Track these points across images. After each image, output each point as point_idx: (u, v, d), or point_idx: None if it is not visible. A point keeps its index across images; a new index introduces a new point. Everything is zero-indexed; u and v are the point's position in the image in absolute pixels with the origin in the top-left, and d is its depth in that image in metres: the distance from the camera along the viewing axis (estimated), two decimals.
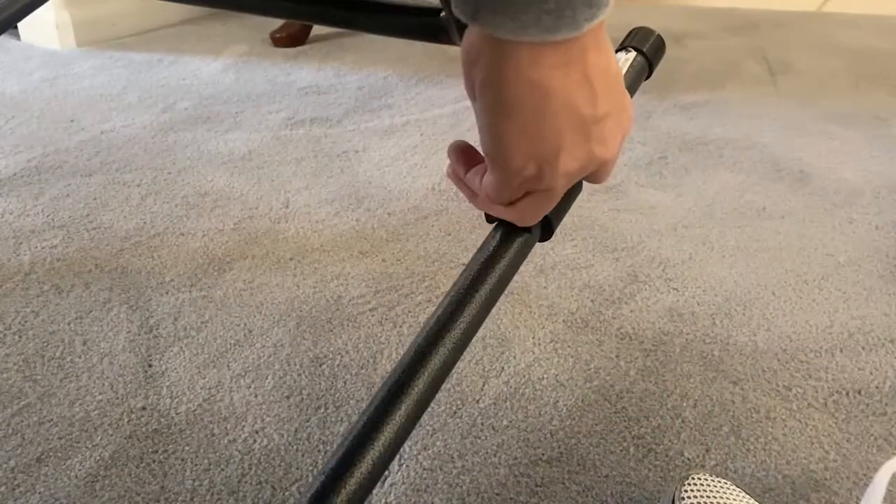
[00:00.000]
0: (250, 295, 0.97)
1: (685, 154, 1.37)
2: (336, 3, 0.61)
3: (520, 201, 0.43)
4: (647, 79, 0.60)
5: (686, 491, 0.64)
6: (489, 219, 0.49)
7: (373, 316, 0.94)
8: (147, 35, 2.05)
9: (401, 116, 1.52)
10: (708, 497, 0.63)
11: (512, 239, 0.48)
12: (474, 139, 0.42)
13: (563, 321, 0.93)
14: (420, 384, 0.43)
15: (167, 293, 0.98)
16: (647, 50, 0.58)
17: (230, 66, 1.80)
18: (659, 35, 0.59)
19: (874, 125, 1.50)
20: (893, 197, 1.23)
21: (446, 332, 0.44)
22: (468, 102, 0.44)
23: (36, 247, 1.07)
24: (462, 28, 0.39)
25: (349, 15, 0.61)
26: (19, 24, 1.95)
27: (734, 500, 0.64)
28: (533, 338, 0.90)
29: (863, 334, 0.91)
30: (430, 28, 0.57)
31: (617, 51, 0.58)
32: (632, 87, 0.57)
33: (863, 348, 0.89)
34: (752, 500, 0.65)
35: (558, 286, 0.99)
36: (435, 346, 0.44)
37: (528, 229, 0.48)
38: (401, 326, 0.92)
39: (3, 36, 1.98)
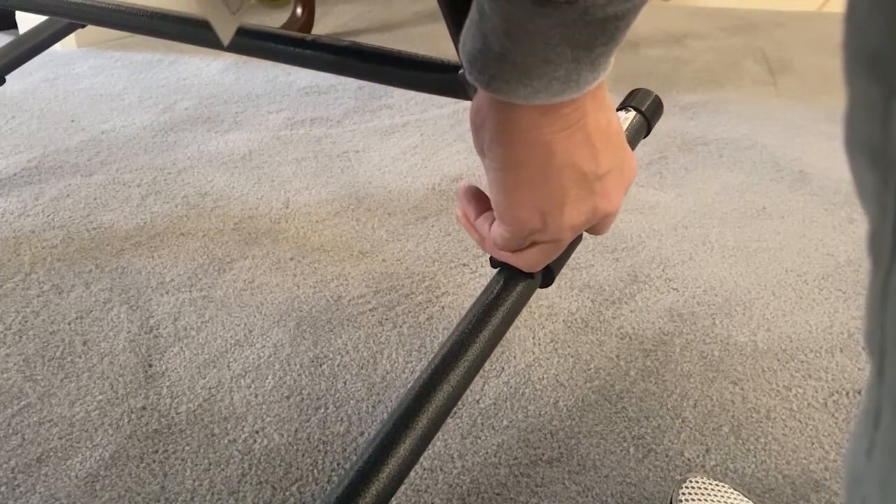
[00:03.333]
0: (250, 295, 0.97)
1: (685, 154, 1.37)
2: (360, 56, 0.62)
3: (526, 250, 0.45)
4: (644, 137, 0.62)
5: (683, 493, 0.64)
6: (494, 263, 0.51)
7: (373, 316, 0.94)
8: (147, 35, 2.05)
9: (401, 116, 1.52)
10: (705, 499, 0.63)
11: (514, 285, 0.50)
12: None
13: (563, 321, 0.93)
14: (423, 421, 0.44)
15: (167, 293, 0.98)
16: (646, 110, 0.61)
17: (230, 66, 1.80)
18: (657, 96, 0.62)
19: None
20: None
21: (449, 371, 0.46)
22: (468, 103, 0.45)
23: (36, 247, 1.07)
24: None
25: (372, 68, 0.62)
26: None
27: (731, 500, 0.64)
28: (533, 338, 0.90)
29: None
30: (450, 84, 0.58)
31: (617, 110, 0.60)
32: (630, 146, 0.59)
33: (863, 348, 0.89)
34: (749, 503, 0.65)
35: (558, 286, 0.99)
36: (438, 384, 0.45)
37: (530, 275, 0.50)
38: (401, 326, 0.92)
39: (3, 36, 1.98)
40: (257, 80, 1.72)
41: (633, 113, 0.60)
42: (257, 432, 0.77)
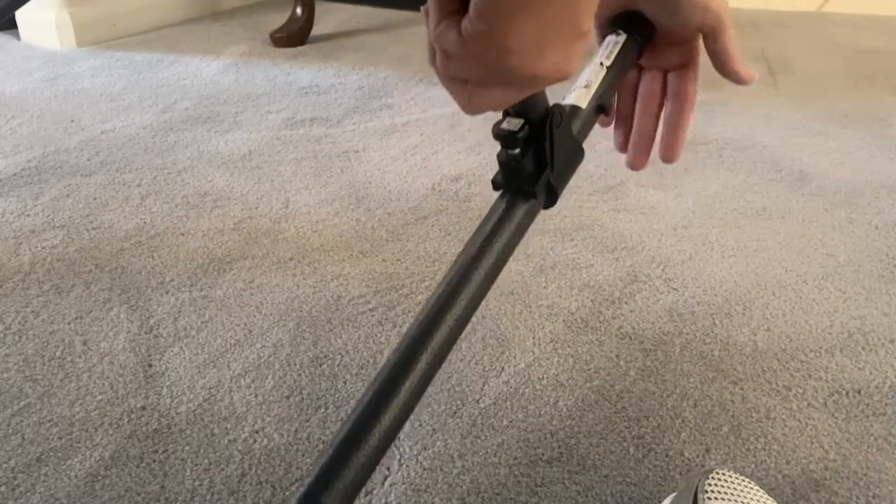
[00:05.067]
0: (250, 295, 0.97)
1: (685, 154, 1.37)
2: None
3: (487, 89, 0.37)
4: (637, 61, 0.60)
5: (710, 485, 0.63)
6: (496, 185, 0.50)
7: (373, 316, 0.94)
8: (147, 35, 2.05)
9: (401, 116, 1.52)
10: (732, 493, 0.63)
11: (518, 206, 0.49)
12: (474, 139, 0.42)
13: (563, 321, 0.93)
14: (433, 346, 0.43)
15: (167, 293, 0.98)
16: (638, 32, 0.58)
17: (230, 66, 1.80)
18: (648, 17, 0.59)
19: (874, 125, 1.50)
20: (893, 197, 1.23)
21: (457, 295, 0.45)
22: None
23: (36, 247, 1.07)
24: None
25: None
26: (19, 24, 1.95)
27: (756, 499, 0.63)
28: (533, 338, 0.90)
29: (863, 334, 0.91)
30: None
31: (606, 34, 0.58)
32: (623, 70, 0.57)
33: (863, 348, 0.89)
34: (771, 500, 0.64)
35: (558, 286, 0.99)
36: (447, 308, 0.44)
37: (532, 196, 0.49)
38: (401, 326, 0.92)
39: (3, 36, 1.98)
40: (257, 80, 1.72)
41: (623, 35, 0.58)
42: (257, 432, 0.77)
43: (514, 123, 0.47)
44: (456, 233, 1.11)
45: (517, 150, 0.48)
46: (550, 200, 0.50)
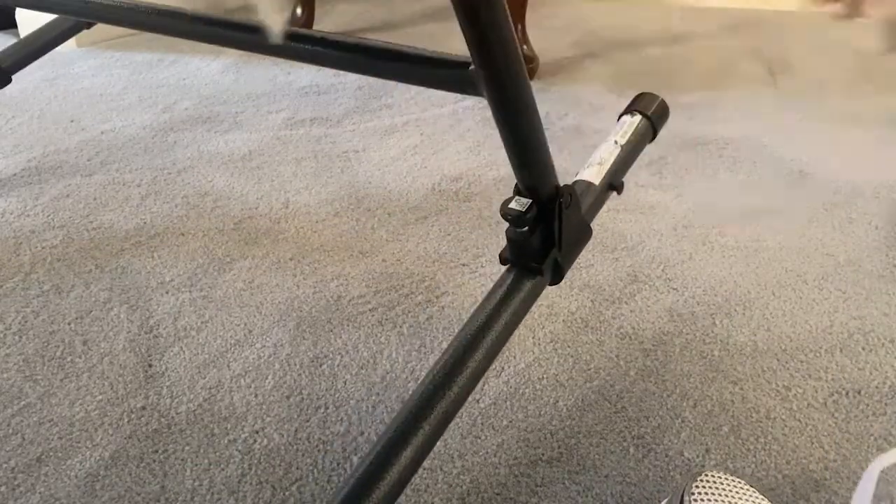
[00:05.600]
0: (250, 295, 0.97)
1: (685, 154, 1.37)
2: (369, 53, 0.61)
3: None
4: (650, 141, 0.61)
5: (697, 488, 0.63)
6: (503, 260, 0.50)
7: (373, 316, 0.94)
8: (147, 35, 2.05)
9: (401, 116, 1.52)
10: (720, 495, 0.62)
11: (524, 282, 0.49)
12: (474, 139, 0.42)
13: (563, 321, 0.93)
14: (435, 414, 0.44)
15: (167, 293, 0.98)
16: (652, 114, 0.60)
17: (230, 66, 1.80)
18: (662, 100, 0.62)
19: (874, 125, 1.50)
20: (893, 197, 1.23)
21: (461, 364, 0.46)
22: (468, 102, 0.44)
23: (36, 247, 1.07)
24: None
25: (382, 65, 0.61)
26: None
27: (746, 499, 0.63)
28: (533, 338, 0.90)
29: (862, 334, 0.91)
30: (459, 81, 0.57)
31: (622, 115, 0.60)
32: (636, 150, 0.58)
33: (862, 348, 0.89)
34: (764, 500, 0.64)
35: (558, 286, 0.99)
36: (452, 376, 0.45)
37: (539, 272, 0.49)
38: (401, 326, 0.92)
39: (3, 36, 1.98)
40: (257, 80, 1.72)
41: (638, 117, 0.60)
42: (257, 432, 0.77)
43: (522, 203, 0.47)
44: (456, 233, 1.11)
45: (525, 229, 0.48)
46: (556, 277, 0.51)
